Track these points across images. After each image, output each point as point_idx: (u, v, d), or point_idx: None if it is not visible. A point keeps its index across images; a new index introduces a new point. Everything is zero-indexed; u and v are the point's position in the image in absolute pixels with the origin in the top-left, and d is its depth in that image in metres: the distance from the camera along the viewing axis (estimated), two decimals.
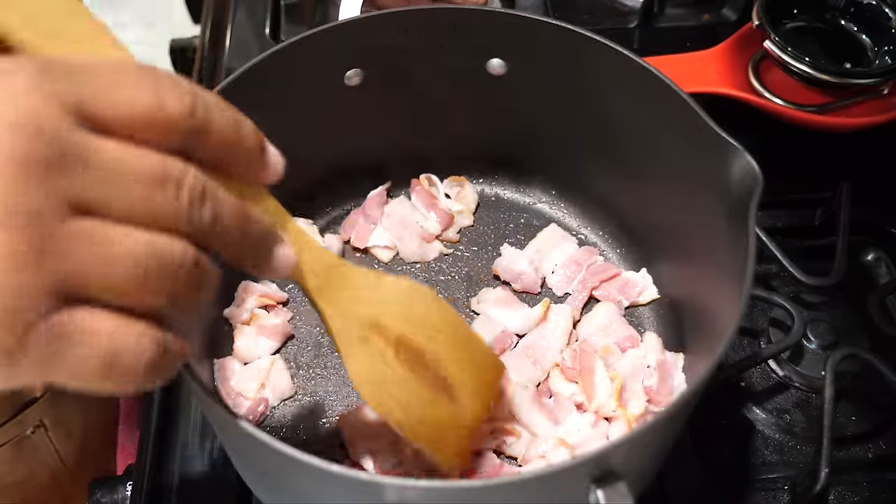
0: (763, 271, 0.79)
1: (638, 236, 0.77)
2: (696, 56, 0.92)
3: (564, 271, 0.77)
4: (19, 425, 0.87)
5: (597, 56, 0.67)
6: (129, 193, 0.33)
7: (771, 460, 0.69)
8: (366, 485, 0.46)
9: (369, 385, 0.54)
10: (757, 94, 0.88)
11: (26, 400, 0.87)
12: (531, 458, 0.63)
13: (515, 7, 1.03)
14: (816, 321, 0.73)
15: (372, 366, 0.53)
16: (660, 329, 0.73)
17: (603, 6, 1.06)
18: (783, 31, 0.87)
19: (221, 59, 0.97)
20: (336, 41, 0.69)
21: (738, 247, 0.54)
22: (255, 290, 0.74)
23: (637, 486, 0.55)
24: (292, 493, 0.55)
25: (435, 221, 0.79)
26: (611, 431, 0.65)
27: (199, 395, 0.50)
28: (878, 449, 0.70)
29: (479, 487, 0.46)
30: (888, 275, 0.81)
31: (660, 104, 0.64)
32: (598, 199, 0.79)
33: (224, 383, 0.68)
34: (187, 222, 0.36)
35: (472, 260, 0.79)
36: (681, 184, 0.66)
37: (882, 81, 0.85)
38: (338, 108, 0.74)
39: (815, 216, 0.83)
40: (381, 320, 0.53)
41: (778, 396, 0.73)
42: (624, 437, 0.46)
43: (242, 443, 0.53)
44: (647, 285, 0.75)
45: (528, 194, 0.84)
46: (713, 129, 0.58)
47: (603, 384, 0.66)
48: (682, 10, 1.06)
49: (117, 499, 0.66)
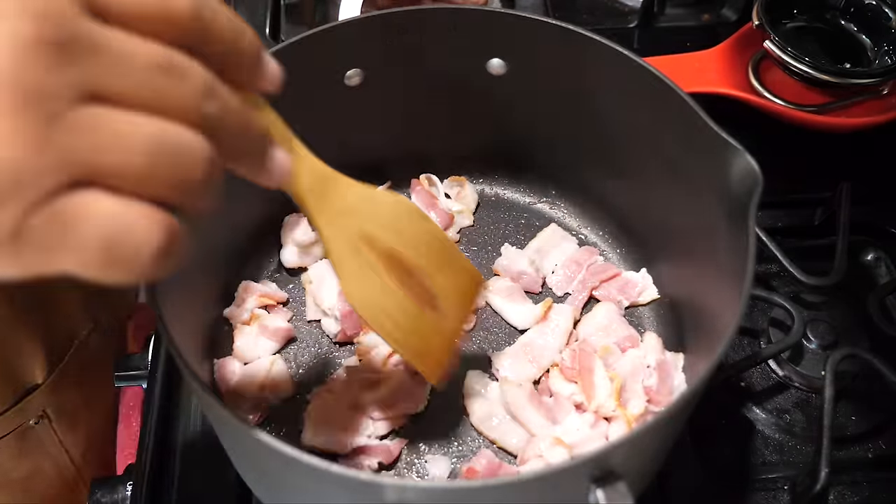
0: (763, 271, 0.79)
1: (638, 236, 0.77)
2: (696, 56, 0.92)
3: (564, 271, 0.77)
4: (21, 414, 0.87)
5: (597, 56, 0.67)
6: (138, 80, 0.33)
7: (771, 460, 0.69)
8: (366, 485, 0.46)
9: (360, 296, 0.55)
10: (757, 94, 0.88)
11: (28, 387, 0.87)
12: (529, 458, 0.63)
13: (515, 7, 1.03)
14: (816, 321, 0.73)
15: (363, 277, 0.55)
16: (660, 329, 0.73)
17: (603, 6, 1.06)
18: (783, 31, 0.87)
19: None
20: (336, 41, 0.69)
21: (738, 247, 0.54)
22: (256, 290, 0.74)
23: (637, 486, 0.55)
24: (292, 493, 0.55)
25: (435, 221, 0.79)
26: (610, 431, 0.65)
27: (199, 395, 0.50)
28: (878, 449, 0.70)
29: (479, 487, 0.46)
30: (888, 275, 0.81)
31: (660, 104, 0.64)
32: (598, 199, 0.79)
33: (224, 383, 0.68)
34: (195, 112, 0.35)
35: (472, 260, 0.79)
36: (681, 184, 0.66)
37: (882, 81, 0.85)
38: (338, 108, 0.74)
39: (815, 216, 0.83)
40: (371, 232, 0.55)
41: (778, 396, 0.73)
42: (624, 438, 0.46)
43: (242, 443, 0.53)
44: (647, 285, 0.75)
45: (528, 194, 0.84)
46: (713, 129, 0.58)
47: (602, 384, 0.66)
48: (682, 10, 1.06)
49: (117, 499, 0.66)
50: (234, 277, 0.75)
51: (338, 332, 0.72)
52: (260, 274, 0.77)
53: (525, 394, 0.67)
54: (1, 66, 0.30)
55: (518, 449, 0.65)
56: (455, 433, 0.68)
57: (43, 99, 0.30)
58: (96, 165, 0.32)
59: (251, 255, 0.77)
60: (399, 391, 0.67)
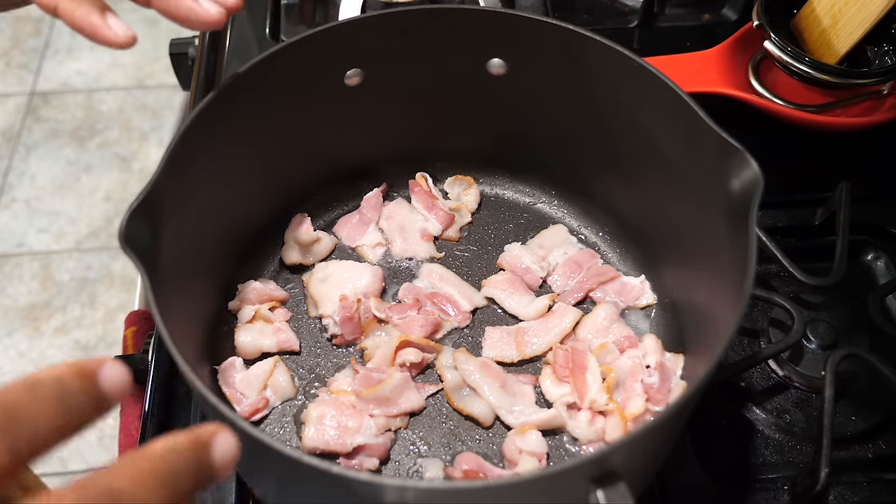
0: (763, 271, 0.79)
1: (638, 236, 0.77)
2: (696, 56, 0.92)
3: (565, 271, 0.77)
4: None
5: (597, 56, 0.67)
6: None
7: (771, 460, 0.69)
8: (366, 485, 0.46)
9: None
10: (757, 94, 0.88)
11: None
12: (512, 457, 0.65)
13: (515, 7, 1.03)
14: (816, 321, 0.73)
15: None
16: (659, 330, 0.73)
17: (603, 6, 1.06)
18: (783, 31, 0.87)
19: (221, 59, 0.97)
20: (336, 41, 0.69)
21: (739, 247, 0.54)
22: (256, 289, 0.74)
23: (637, 486, 0.55)
24: (292, 494, 0.55)
25: (435, 222, 0.80)
26: (608, 427, 0.65)
27: (200, 395, 0.50)
28: (878, 449, 0.70)
29: (479, 488, 0.46)
30: (888, 275, 0.81)
31: (660, 104, 0.64)
32: (597, 199, 0.79)
33: (225, 383, 0.68)
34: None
35: (473, 259, 0.79)
36: (681, 184, 0.66)
37: (882, 81, 0.84)
38: (338, 108, 0.74)
39: (815, 216, 0.83)
40: None
41: (778, 396, 0.73)
42: (624, 438, 0.46)
43: (243, 443, 0.53)
44: (644, 290, 0.75)
45: (528, 194, 0.84)
46: (713, 129, 0.58)
47: (594, 379, 0.66)
48: (682, 10, 1.06)
49: None
50: (235, 276, 0.75)
51: (338, 335, 0.72)
52: (261, 273, 0.77)
53: (476, 365, 0.68)
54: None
55: (484, 417, 0.67)
56: (454, 434, 0.68)
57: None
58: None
59: (252, 254, 0.77)
60: (399, 391, 0.67)
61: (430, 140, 0.81)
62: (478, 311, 0.75)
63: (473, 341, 0.73)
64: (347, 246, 0.80)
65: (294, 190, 0.79)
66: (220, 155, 0.66)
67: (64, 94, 2.33)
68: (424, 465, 0.65)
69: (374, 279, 0.75)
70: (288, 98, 0.71)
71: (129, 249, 0.51)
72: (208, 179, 0.65)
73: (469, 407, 0.68)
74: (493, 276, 0.77)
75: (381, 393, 0.66)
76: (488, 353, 0.72)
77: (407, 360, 0.69)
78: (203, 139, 0.62)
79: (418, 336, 0.71)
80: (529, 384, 0.69)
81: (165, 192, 0.56)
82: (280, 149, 0.74)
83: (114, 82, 2.35)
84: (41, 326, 1.88)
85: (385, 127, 0.79)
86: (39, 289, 1.94)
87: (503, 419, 0.67)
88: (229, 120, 0.65)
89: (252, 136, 0.70)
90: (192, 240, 0.64)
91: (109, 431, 1.72)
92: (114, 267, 1.97)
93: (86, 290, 1.93)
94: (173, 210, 0.58)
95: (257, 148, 0.71)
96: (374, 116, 0.77)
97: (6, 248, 2.01)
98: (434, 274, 0.77)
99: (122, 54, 2.39)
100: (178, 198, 0.59)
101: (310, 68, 0.70)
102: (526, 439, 0.64)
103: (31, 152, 2.19)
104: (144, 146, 2.22)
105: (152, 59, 2.38)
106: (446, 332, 0.73)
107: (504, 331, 0.73)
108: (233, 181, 0.70)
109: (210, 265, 0.71)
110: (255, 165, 0.72)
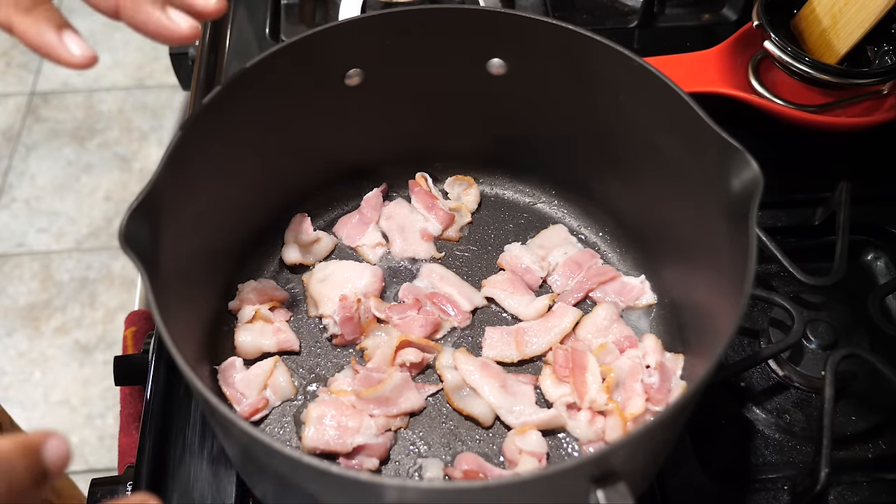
0: (763, 271, 0.79)
1: (638, 236, 0.77)
2: (696, 56, 0.92)
3: (565, 271, 0.77)
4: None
5: (596, 56, 0.67)
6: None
7: (771, 460, 0.69)
8: (366, 485, 0.46)
9: None
10: (757, 94, 0.88)
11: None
12: (512, 456, 0.65)
13: (515, 7, 1.03)
14: (816, 321, 0.73)
15: None
16: (659, 330, 0.73)
17: (603, 6, 1.06)
18: (783, 31, 0.87)
19: (221, 59, 0.97)
20: (336, 41, 0.69)
21: (739, 247, 0.54)
22: (257, 288, 0.74)
23: (637, 486, 0.55)
24: (292, 494, 0.55)
25: (435, 222, 0.80)
26: (608, 427, 0.65)
27: (200, 395, 0.50)
28: (878, 449, 0.70)
29: (479, 488, 0.46)
30: (888, 275, 0.81)
31: (660, 104, 0.64)
32: (597, 199, 0.79)
33: (225, 383, 0.68)
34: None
35: (473, 259, 0.79)
36: (681, 183, 0.66)
37: (882, 81, 0.84)
38: (338, 108, 0.74)
39: (815, 216, 0.83)
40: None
41: (778, 396, 0.73)
42: (624, 438, 0.46)
43: (243, 443, 0.53)
44: (644, 290, 0.75)
45: (528, 194, 0.84)
46: (713, 129, 0.58)
47: (594, 379, 0.66)
48: (682, 10, 1.06)
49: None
50: (235, 276, 0.75)
51: (338, 335, 0.72)
52: (261, 273, 0.77)
53: (476, 365, 0.68)
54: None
55: (484, 417, 0.67)
56: (454, 434, 0.68)
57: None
58: None
59: (252, 254, 0.77)
60: (399, 391, 0.67)
61: (430, 140, 0.81)
62: (478, 311, 0.75)
63: (473, 341, 0.73)
64: (347, 246, 0.80)
65: (294, 190, 0.79)
66: (220, 155, 0.66)
67: (64, 94, 2.33)
68: (424, 465, 0.65)
69: (374, 279, 0.75)
70: (288, 98, 0.71)
71: (129, 249, 0.51)
72: (208, 179, 0.65)
73: (469, 407, 0.68)
74: (493, 276, 0.77)
75: (381, 393, 0.66)
76: (488, 353, 0.72)
77: (407, 360, 0.69)
78: (203, 139, 0.62)
79: (418, 336, 0.71)
80: (529, 384, 0.69)
81: (165, 192, 0.56)
82: (280, 149, 0.74)
83: (114, 82, 2.36)
84: (41, 326, 1.88)
85: (385, 127, 0.79)
86: (39, 289, 1.94)
87: (503, 419, 0.67)
88: (229, 120, 0.65)
89: (252, 135, 0.70)
90: (193, 240, 0.64)
91: (110, 431, 1.72)
92: (114, 267, 1.97)
93: (86, 290, 1.93)
94: (173, 210, 0.58)
95: (257, 148, 0.71)
96: (374, 116, 0.77)
97: (6, 248, 2.01)
98: (434, 274, 0.77)
99: (123, 54, 2.39)
100: (178, 198, 0.59)
101: (310, 68, 0.70)
102: (526, 439, 0.64)
103: (31, 152, 2.19)
104: (144, 146, 2.22)
105: (152, 59, 2.38)
106: (446, 332, 0.73)
107: (504, 331, 0.73)
108: (233, 181, 0.70)
109: (210, 265, 0.71)
110: (255, 165, 0.72)
